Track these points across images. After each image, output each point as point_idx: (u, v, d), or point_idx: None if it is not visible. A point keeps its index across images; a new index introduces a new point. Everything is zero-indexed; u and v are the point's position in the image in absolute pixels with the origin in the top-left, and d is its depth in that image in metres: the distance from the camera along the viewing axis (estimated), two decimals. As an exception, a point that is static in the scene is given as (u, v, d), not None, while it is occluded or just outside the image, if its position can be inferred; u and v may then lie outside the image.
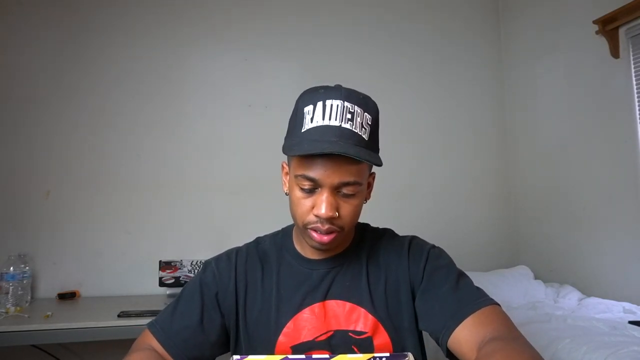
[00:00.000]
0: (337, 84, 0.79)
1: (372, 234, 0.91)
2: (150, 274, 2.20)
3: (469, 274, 0.85)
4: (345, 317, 0.82)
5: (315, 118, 0.74)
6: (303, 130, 0.75)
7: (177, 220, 2.36)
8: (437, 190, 2.78)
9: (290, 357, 0.70)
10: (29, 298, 2.00)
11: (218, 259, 0.89)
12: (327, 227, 0.76)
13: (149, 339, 0.83)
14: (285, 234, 0.91)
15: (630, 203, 2.09)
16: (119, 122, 2.34)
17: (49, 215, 2.20)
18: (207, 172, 2.43)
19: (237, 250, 0.90)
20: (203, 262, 0.91)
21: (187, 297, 0.86)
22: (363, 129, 0.75)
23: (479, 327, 0.72)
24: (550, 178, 2.58)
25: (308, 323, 0.81)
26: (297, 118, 0.78)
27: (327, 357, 0.69)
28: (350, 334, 0.81)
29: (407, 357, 0.70)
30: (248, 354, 0.73)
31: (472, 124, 2.89)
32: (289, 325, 0.81)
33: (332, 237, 0.77)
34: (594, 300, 2.07)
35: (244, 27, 2.57)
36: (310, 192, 0.76)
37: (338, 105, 0.74)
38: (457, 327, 0.74)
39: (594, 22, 2.19)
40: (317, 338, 0.80)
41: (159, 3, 2.45)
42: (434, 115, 2.83)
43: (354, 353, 0.79)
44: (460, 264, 0.86)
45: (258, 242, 0.92)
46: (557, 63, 2.52)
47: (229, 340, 0.86)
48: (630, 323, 1.69)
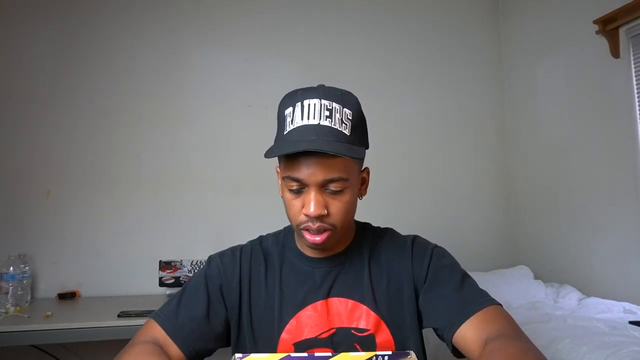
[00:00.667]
0: (319, 84, 0.80)
1: (373, 233, 0.92)
2: (150, 274, 2.20)
3: (469, 274, 0.86)
4: (348, 314, 0.82)
5: (295, 119, 0.76)
6: (285, 133, 0.77)
7: (177, 220, 2.35)
8: (436, 190, 2.78)
9: (293, 355, 0.70)
10: (29, 298, 2.00)
11: (222, 254, 0.90)
12: (317, 225, 0.76)
13: (153, 330, 0.83)
14: (287, 233, 0.92)
15: (630, 203, 2.09)
16: (119, 122, 2.33)
17: (49, 215, 2.20)
18: (207, 172, 2.43)
19: (241, 247, 0.91)
20: (203, 262, 0.91)
21: (192, 290, 0.87)
22: (343, 125, 0.76)
23: (485, 324, 0.74)
24: (550, 178, 2.58)
25: (310, 320, 0.81)
26: (280, 122, 0.80)
27: (329, 355, 0.69)
28: (353, 332, 0.81)
29: (409, 355, 0.70)
30: (250, 352, 0.73)
31: (472, 124, 2.90)
32: (292, 323, 0.82)
33: (325, 236, 0.77)
34: (594, 300, 2.07)
35: (244, 27, 2.57)
36: (299, 192, 0.77)
37: (315, 104, 0.75)
38: (462, 324, 0.76)
39: (594, 22, 2.19)
40: (319, 335, 0.81)
41: (159, 3, 2.46)
42: (434, 115, 2.83)
43: (356, 351, 0.79)
44: (461, 264, 0.87)
45: (261, 240, 0.93)
46: (557, 63, 2.52)
47: (230, 335, 0.86)
48: (631, 323, 1.69)
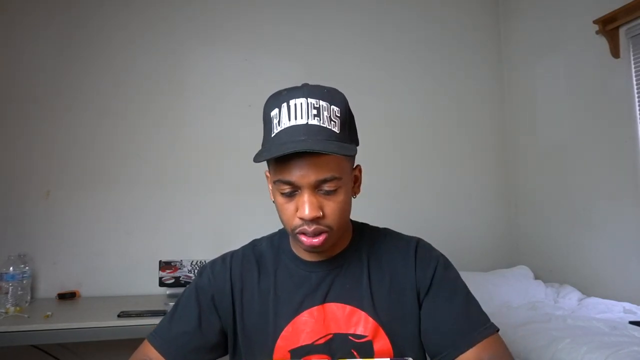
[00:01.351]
0: (303, 83, 0.78)
1: (371, 234, 0.89)
2: (150, 274, 2.20)
3: (469, 274, 0.86)
4: (345, 320, 0.80)
5: (282, 120, 0.73)
6: (272, 135, 0.74)
7: (177, 220, 2.35)
8: (436, 190, 2.78)
9: None
10: (29, 298, 2.00)
11: (213, 263, 0.89)
12: (313, 228, 0.73)
13: (147, 350, 0.82)
14: (282, 236, 0.90)
15: (630, 203, 2.09)
16: (119, 122, 2.33)
17: (49, 215, 2.19)
18: (207, 172, 2.43)
19: (232, 254, 0.89)
20: (202, 263, 0.90)
21: (184, 303, 0.86)
22: (332, 122, 0.74)
23: (486, 353, 0.77)
24: (551, 178, 2.58)
25: (307, 326, 0.79)
26: (266, 124, 0.77)
27: None
28: (350, 338, 0.79)
29: None
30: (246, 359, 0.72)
31: (472, 124, 2.90)
32: (288, 329, 0.80)
33: (322, 238, 0.75)
34: (594, 300, 2.07)
35: (244, 27, 2.57)
36: (291, 195, 0.74)
37: (302, 103, 0.73)
38: (467, 349, 0.77)
39: (594, 22, 2.19)
40: (316, 341, 0.79)
41: (159, 3, 2.45)
42: (434, 115, 2.83)
43: (353, 357, 0.78)
44: (461, 264, 0.86)
45: (254, 244, 0.91)
46: (557, 63, 2.52)
47: (227, 344, 0.85)
48: (631, 323, 1.69)
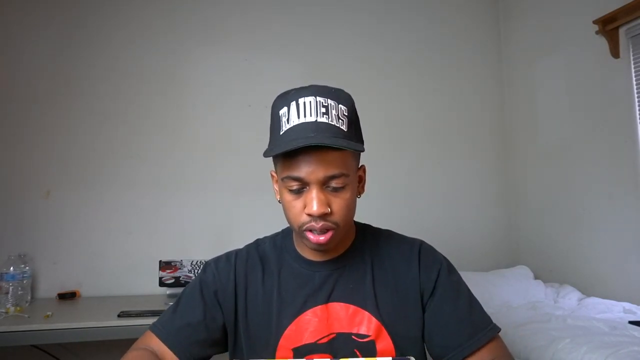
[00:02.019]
0: (311, 84, 0.79)
1: (374, 235, 0.90)
2: (150, 274, 2.20)
3: (469, 274, 0.86)
4: (349, 319, 0.81)
5: (291, 118, 0.74)
6: (281, 133, 0.75)
7: (177, 220, 2.35)
8: (436, 190, 2.78)
9: None
10: (29, 298, 2.00)
11: (217, 260, 0.89)
12: (321, 224, 0.74)
13: (149, 339, 0.83)
14: (285, 235, 0.90)
15: (630, 203, 2.09)
16: (119, 122, 2.33)
17: (49, 215, 2.19)
18: (207, 172, 2.43)
19: (236, 252, 0.89)
20: (203, 262, 0.90)
21: (187, 297, 0.86)
22: (340, 121, 0.75)
23: (490, 354, 0.79)
24: (550, 178, 2.58)
25: (310, 325, 0.80)
26: (274, 123, 0.78)
27: None
28: (353, 337, 0.80)
29: None
30: (249, 358, 0.73)
31: (472, 124, 2.90)
32: (291, 328, 0.80)
33: (328, 236, 0.76)
34: (594, 300, 2.07)
35: (244, 27, 2.57)
36: (299, 192, 0.75)
37: (311, 102, 0.74)
38: (472, 352, 0.79)
39: (594, 22, 2.19)
40: (319, 340, 0.79)
41: (159, 3, 2.45)
42: (434, 115, 2.83)
43: (356, 356, 0.78)
44: (461, 264, 0.87)
45: (258, 243, 0.91)
46: (557, 63, 2.52)
47: (227, 341, 0.86)
48: (630, 323, 1.69)
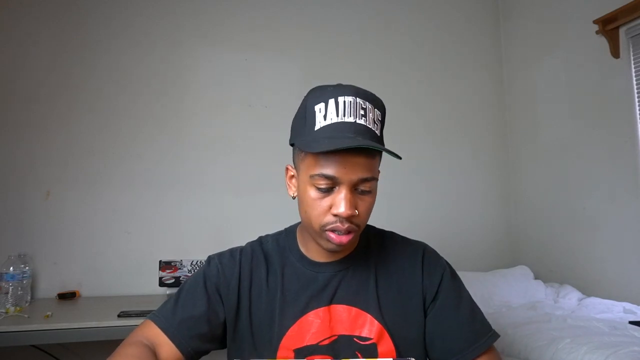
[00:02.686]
0: (347, 84, 0.78)
1: (377, 237, 0.89)
2: (150, 274, 2.20)
3: (469, 274, 0.87)
4: (351, 322, 0.80)
5: (329, 115, 0.73)
6: (316, 129, 0.73)
7: (177, 220, 2.35)
8: (436, 190, 2.78)
9: None
10: (29, 298, 1.99)
11: (221, 255, 0.88)
12: (347, 226, 0.73)
13: (149, 329, 0.82)
14: (289, 235, 0.89)
15: (630, 203, 2.09)
16: (119, 122, 2.33)
17: (49, 215, 2.19)
18: (207, 172, 2.43)
19: (241, 249, 0.88)
20: (202, 263, 0.90)
21: (190, 289, 0.85)
22: (375, 125, 0.75)
23: None
24: (550, 178, 2.58)
25: (312, 327, 0.79)
26: (306, 117, 0.75)
27: None
28: (355, 340, 0.79)
29: None
30: (250, 357, 0.72)
31: (472, 124, 2.90)
32: (293, 328, 0.79)
33: (350, 237, 0.75)
34: (594, 300, 2.06)
35: (244, 26, 2.56)
36: (327, 191, 0.73)
37: (351, 102, 0.73)
38: (473, 358, 0.80)
39: (594, 22, 2.19)
40: (320, 342, 0.79)
41: (159, 3, 2.45)
42: (434, 115, 2.83)
43: (357, 358, 0.78)
44: (461, 264, 0.87)
45: (261, 241, 0.90)
46: (557, 63, 2.52)
47: (226, 337, 0.85)
48: (631, 323, 1.69)
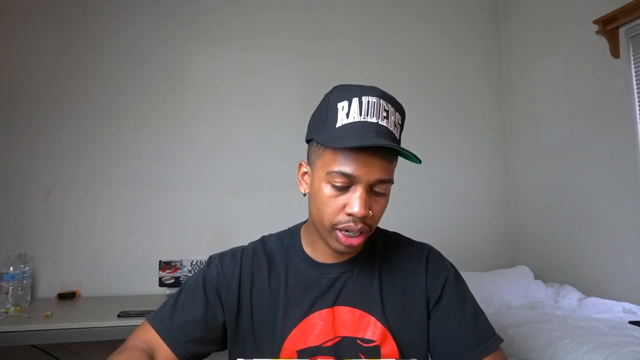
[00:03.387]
0: (373, 85, 0.77)
1: (382, 238, 0.89)
2: (150, 274, 2.20)
3: (469, 274, 0.86)
4: (354, 324, 0.80)
5: (352, 114, 0.72)
6: (338, 126, 0.73)
7: (177, 220, 2.35)
8: (436, 190, 2.78)
9: None
10: (29, 298, 2.00)
11: (222, 255, 0.87)
12: (360, 226, 0.73)
13: (147, 333, 0.82)
14: (293, 235, 0.88)
15: (630, 203, 2.09)
16: (119, 122, 2.33)
17: (49, 215, 2.19)
18: (207, 172, 2.43)
19: (242, 249, 0.87)
20: (203, 262, 0.89)
21: (189, 291, 0.84)
22: (396, 128, 0.75)
23: None
24: (550, 178, 2.58)
25: (316, 328, 0.79)
26: (328, 113, 0.75)
27: None
28: (358, 342, 0.79)
29: None
30: (253, 357, 0.72)
31: (472, 124, 2.90)
32: (297, 330, 0.79)
33: (361, 239, 0.75)
34: (594, 300, 2.06)
35: (244, 27, 2.57)
36: (343, 189, 0.73)
37: (375, 102, 0.73)
38: None
39: (594, 22, 2.19)
40: (323, 344, 0.78)
41: (159, 3, 2.45)
42: (434, 115, 2.83)
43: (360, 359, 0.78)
44: (461, 264, 0.86)
45: (264, 241, 0.89)
46: (557, 63, 2.52)
47: (226, 339, 0.84)
48: (631, 323, 1.69)
